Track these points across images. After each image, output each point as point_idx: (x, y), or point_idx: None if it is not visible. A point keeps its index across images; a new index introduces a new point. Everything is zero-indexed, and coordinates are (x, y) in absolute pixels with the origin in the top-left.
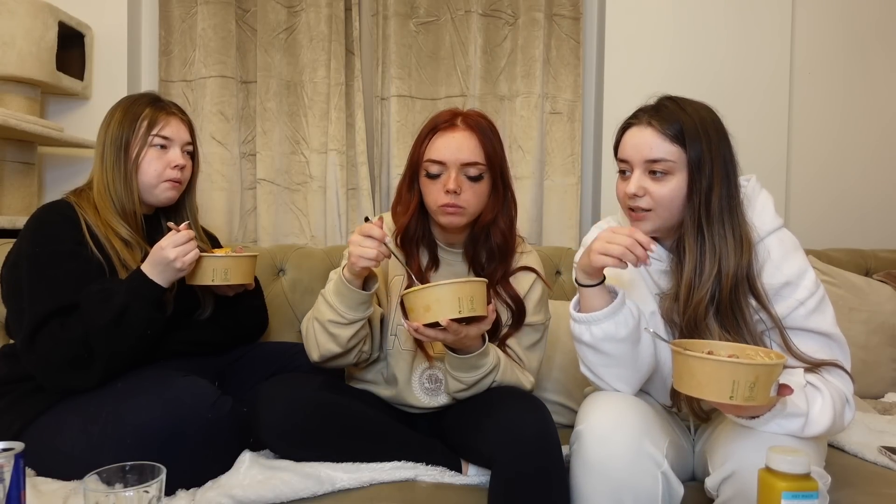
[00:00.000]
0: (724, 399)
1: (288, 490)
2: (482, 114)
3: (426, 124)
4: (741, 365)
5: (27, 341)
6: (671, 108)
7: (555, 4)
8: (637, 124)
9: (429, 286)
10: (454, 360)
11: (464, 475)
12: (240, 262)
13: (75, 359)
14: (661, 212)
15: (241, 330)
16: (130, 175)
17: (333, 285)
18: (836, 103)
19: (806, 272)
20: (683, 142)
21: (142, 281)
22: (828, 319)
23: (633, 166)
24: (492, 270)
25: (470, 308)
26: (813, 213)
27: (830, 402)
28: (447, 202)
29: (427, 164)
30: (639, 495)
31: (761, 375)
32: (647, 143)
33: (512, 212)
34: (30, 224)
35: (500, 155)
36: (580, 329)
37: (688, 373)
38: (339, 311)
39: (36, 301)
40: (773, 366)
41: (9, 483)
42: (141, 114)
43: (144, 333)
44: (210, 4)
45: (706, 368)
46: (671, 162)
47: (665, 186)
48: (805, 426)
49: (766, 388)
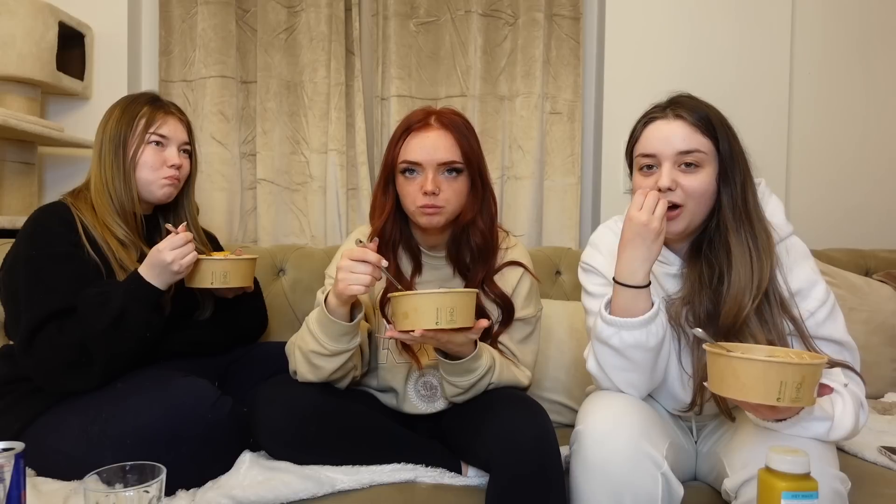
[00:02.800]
0: (770, 401)
1: (288, 491)
2: (457, 111)
3: (399, 125)
4: (788, 365)
5: (25, 345)
6: (692, 102)
7: (555, 4)
8: (662, 117)
9: (408, 294)
10: (447, 365)
11: (464, 476)
12: (239, 265)
13: (74, 362)
14: (692, 206)
15: (241, 331)
16: (129, 172)
17: (316, 314)
18: (836, 103)
19: (817, 282)
20: (714, 133)
21: (139, 284)
22: (839, 327)
23: (662, 160)
24: (475, 271)
25: (449, 320)
26: (813, 213)
27: (852, 404)
28: (425, 203)
29: (402, 165)
30: (638, 496)
31: (808, 376)
32: (678, 135)
33: (492, 210)
34: (26, 227)
35: (477, 152)
36: (609, 332)
37: (731, 375)
38: (321, 342)
39: (33, 304)
40: (817, 366)
41: (9, 483)
42: (139, 112)
43: (143, 336)
44: (210, 4)
45: (752, 370)
46: (703, 153)
47: (696, 178)
48: (831, 430)
49: (812, 388)
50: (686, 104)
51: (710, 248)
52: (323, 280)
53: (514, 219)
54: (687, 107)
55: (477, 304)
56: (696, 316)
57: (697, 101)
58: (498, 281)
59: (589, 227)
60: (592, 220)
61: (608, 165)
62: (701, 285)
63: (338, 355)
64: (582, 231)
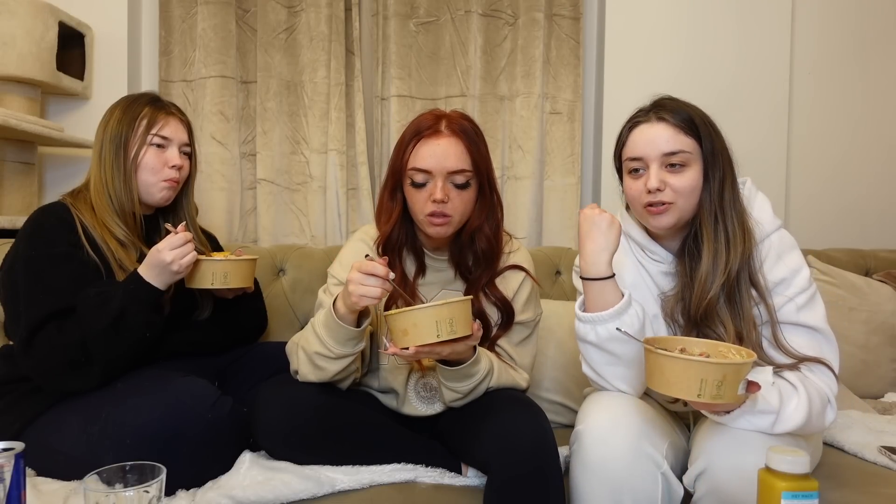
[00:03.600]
0: (692, 397)
1: (288, 491)
2: (466, 115)
3: (408, 129)
4: (709, 364)
5: (24, 345)
6: (674, 104)
7: (555, 4)
8: (646, 121)
9: (406, 310)
10: (446, 371)
11: (463, 476)
12: (240, 266)
13: (73, 363)
14: (681, 203)
15: (241, 332)
16: (130, 174)
17: (323, 317)
18: (836, 103)
19: (800, 270)
20: (697, 133)
21: (139, 284)
22: (817, 315)
23: (649, 162)
24: (478, 275)
25: (450, 331)
26: (813, 213)
27: (807, 401)
28: (434, 211)
29: (412, 172)
30: (638, 496)
31: (728, 374)
32: (662, 137)
33: (498, 216)
34: (26, 227)
35: (486, 159)
36: (585, 329)
37: (658, 370)
38: (327, 345)
39: (32, 304)
40: (740, 364)
41: (9, 483)
42: (140, 113)
43: (143, 336)
44: (210, 4)
45: (675, 367)
46: (687, 153)
47: (683, 178)
48: (775, 423)
49: (734, 386)
50: (668, 106)
51: (693, 243)
52: (324, 280)
53: (514, 219)
54: (669, 109)
55: (477, 308)
56: (686, 311)
57: (680, 102)
58: (499, 284)
59: None
60: None
61: (608, 165)
62: (690, 280)
63: (342, 358)
64: None
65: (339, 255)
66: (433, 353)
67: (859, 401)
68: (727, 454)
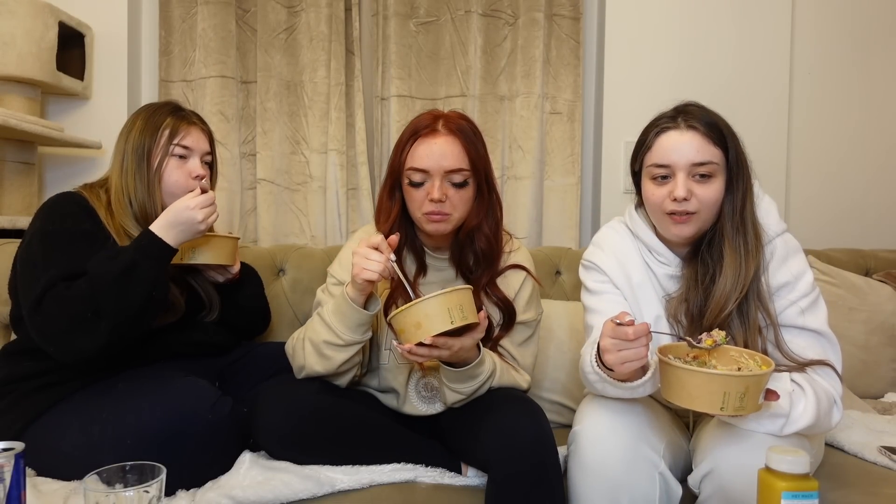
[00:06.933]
0: (714, 410)
1: (288, 491)
2: (464, 115)
3: (406, 129)
4: (732, 377)
5: (35, 305)
6: (701, 112)
7: (555, 4)
8: (675, 128)
9: (415, 303)
10: (451, 373)
11: (463, 476)
12: (210, 242)
13: (80, 317)
14: (704, 214)
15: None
16: (153, 184)
17: (334, 303)
18: (835, 103)
19: (804, 274)
20: (724, 144)
21: (151, 240)
22: (820, 318)
23: (676, 170)
24: (479, 275)
25: (461, 317)
26: (813, 214)
27: (814, 402)
28: (432, 210)
29: (409, 172)
30: (635, 496)
31: (751, 386)
32: (692, 146)
33: (497, 215)
34: (44, 207)
35: (484, 158)
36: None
37: (678, 384)
38: (336, 332)
39: (49, 267)
40: (762, 375)
41: (9, 483)
42: (163, 123)
43: (150, 293)
44: (210, 4)
45: (696, 381)
46: (715, 164)
47: (709, 188)
48: (784, 426)
49: (756, 397)
50: (696, 114)
51: (707, 250)
52: (324, 279)
53: (514, 219)
54: (698, 117)
55: (478, 308)
56: (689, 312)
57: (706, 110)
58: (500, 284)
59: (589, 226)
60: (592, 221)
61: (608, 165)
62: (696, 284)
63: (350, 346)
64: (582, 231)
65: (339, 255)
66: (446, 346)
67: (859, 401)
68: (733, 455)
